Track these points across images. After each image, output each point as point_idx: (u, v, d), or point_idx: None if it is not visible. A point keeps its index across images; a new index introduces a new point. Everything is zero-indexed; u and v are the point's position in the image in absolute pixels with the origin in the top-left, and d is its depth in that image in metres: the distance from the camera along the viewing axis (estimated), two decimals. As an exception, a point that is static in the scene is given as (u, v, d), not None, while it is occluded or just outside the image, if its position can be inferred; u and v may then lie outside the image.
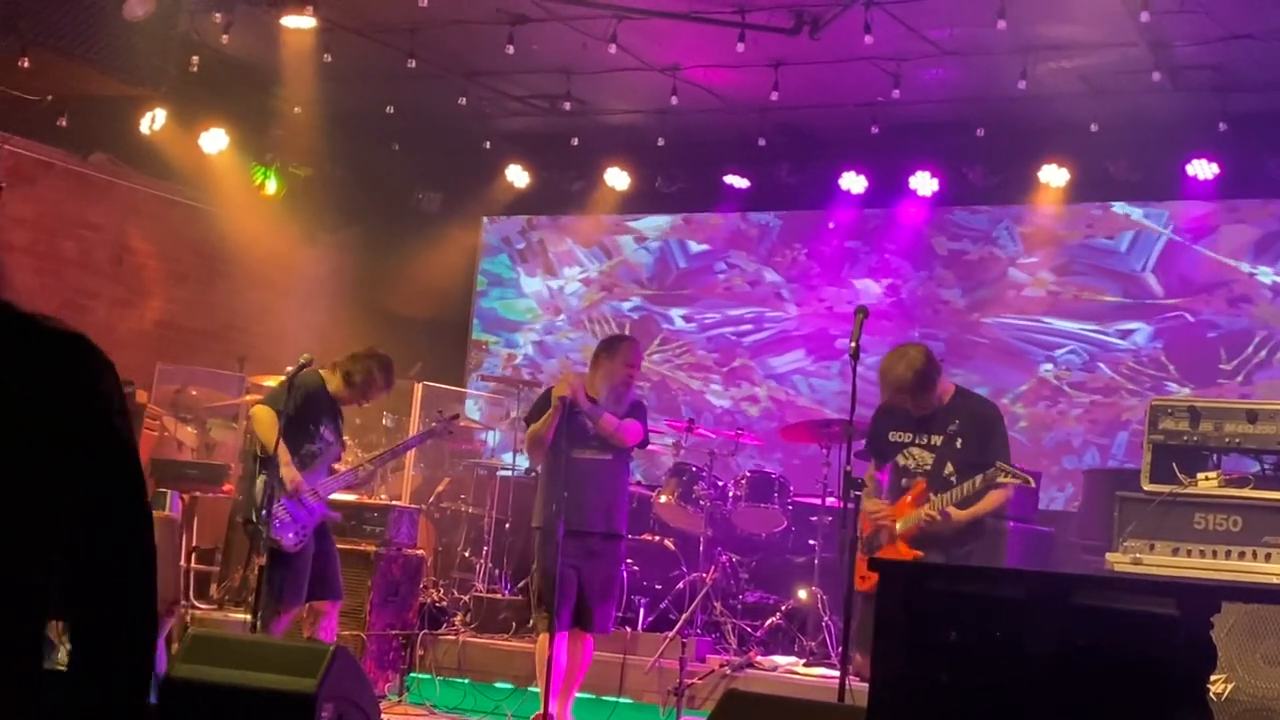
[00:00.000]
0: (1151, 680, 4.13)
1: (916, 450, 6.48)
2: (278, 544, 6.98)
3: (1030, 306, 11.09)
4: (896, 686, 4.48)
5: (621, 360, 7.38)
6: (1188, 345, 10.50)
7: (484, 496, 10.30)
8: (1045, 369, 10.96)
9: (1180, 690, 4.10)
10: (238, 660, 5.84)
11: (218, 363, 11.63)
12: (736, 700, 5.47)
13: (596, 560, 7.21)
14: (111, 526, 2.09)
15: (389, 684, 8.09)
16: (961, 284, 11.33)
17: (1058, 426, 10.86)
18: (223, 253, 12.25)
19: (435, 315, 12.81)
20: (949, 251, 11.42)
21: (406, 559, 8.41)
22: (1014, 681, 4.29)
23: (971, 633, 4.39)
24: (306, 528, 7.20)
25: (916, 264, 11.48)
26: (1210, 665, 4.24)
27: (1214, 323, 10.44)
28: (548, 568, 7.14)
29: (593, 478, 7.21)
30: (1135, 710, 4.15)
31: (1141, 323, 10.70)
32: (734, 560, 9.43)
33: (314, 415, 7.38)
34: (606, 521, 7.27)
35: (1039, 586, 4.50)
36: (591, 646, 7.40)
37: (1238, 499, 5.81)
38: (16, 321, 2.08)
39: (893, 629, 4.56)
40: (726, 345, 12.13)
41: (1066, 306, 10.95)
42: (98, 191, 11.50)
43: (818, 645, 8.82)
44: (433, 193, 12.70)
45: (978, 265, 11.31)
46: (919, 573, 5.03)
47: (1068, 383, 10.87)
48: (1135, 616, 4.22)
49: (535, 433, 7.33)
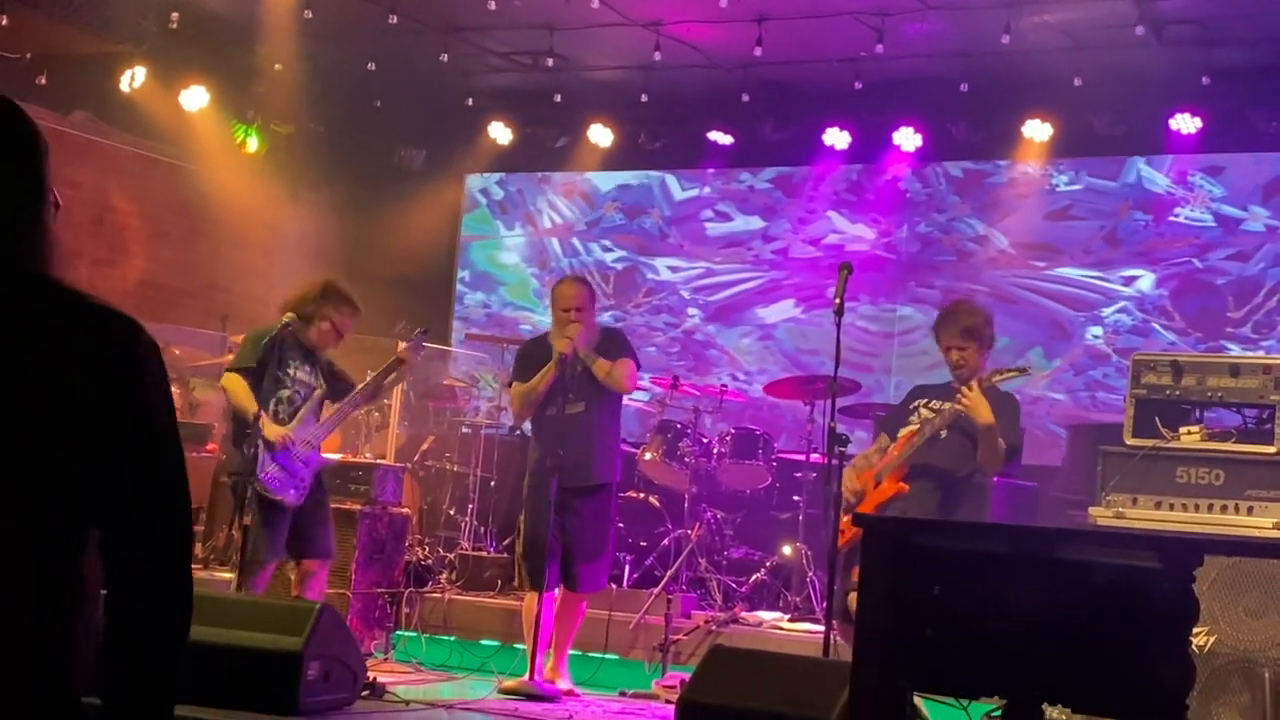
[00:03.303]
0: (1134, 633, 4.16)
1: (925, 410, 6.47)
2: (281, 503, 6.92)
3: (1022, 259, 11.08)
4: (880, 641, 4.50)
5: (560, 305, 7.27)
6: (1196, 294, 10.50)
7: (469, 454, 10.30)
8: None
9: (1163, 643, 4.12)
10: (224, 619, 5.84)
11: (200, 322, 11.60)
12: (722, 655, 5.49)
13: (582, 518, 7.18)
14: (151, 508, 2.11)
15: (375, 641, 8.10)
16: (953, 235, 11.31)
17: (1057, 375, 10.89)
18: (204, 211, 12.20)
19: (419, 273, 12.77)
20: (939, 205, 11.41)
21: (392, 517, 8.41)
22: (998, 636, 4.31)
23: (955, 587, 4.41)
24: (305, 480, 7.15)
25: (906, 218, 11.46)
26: (1193, 618, 4.27)
27: (1223, 269, 10.43)
28: (532, 526, 7.15)
29: (573, 432, 7.14)
30: (1118, 663, 4.18)
31: (1146, 270, 10.69)
32: (719, 517, 9.46)
33: (280, 360, 7.19)
34: (589, 473, 7.18)
35: (1022, 541, 4.52)
36: (582, 606, 7.36)
37: (1220, 453, 5.83)
38: (70, 300, 2.09)
39: (876, 584, 4.57)
40: (711, 296, 12.11)
41: (1066, 256, 10.93)
42: (78, 150, 11.42)
43: (802, 601, 8.86)
44: (415, 150, 12.64)
45: (971, 214, 11.31)
46: (902, 528, 5.05)
47: (1076, 326, 10.84)
48: (1118, 570, 4.24)
49: (528, 390, 7.26)
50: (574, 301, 7.26)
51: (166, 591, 2.12)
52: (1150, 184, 10.78)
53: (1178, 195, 10.65)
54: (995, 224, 11.19)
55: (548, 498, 6.98)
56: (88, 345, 2.07)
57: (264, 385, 7.13)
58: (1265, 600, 5.43)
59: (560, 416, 7.17)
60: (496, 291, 12.99)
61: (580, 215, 12.73)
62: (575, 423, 7.18)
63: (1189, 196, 10.59)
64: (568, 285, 7.42)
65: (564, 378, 7.14)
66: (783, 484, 9.63)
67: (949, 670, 4.47)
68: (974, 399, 6.11)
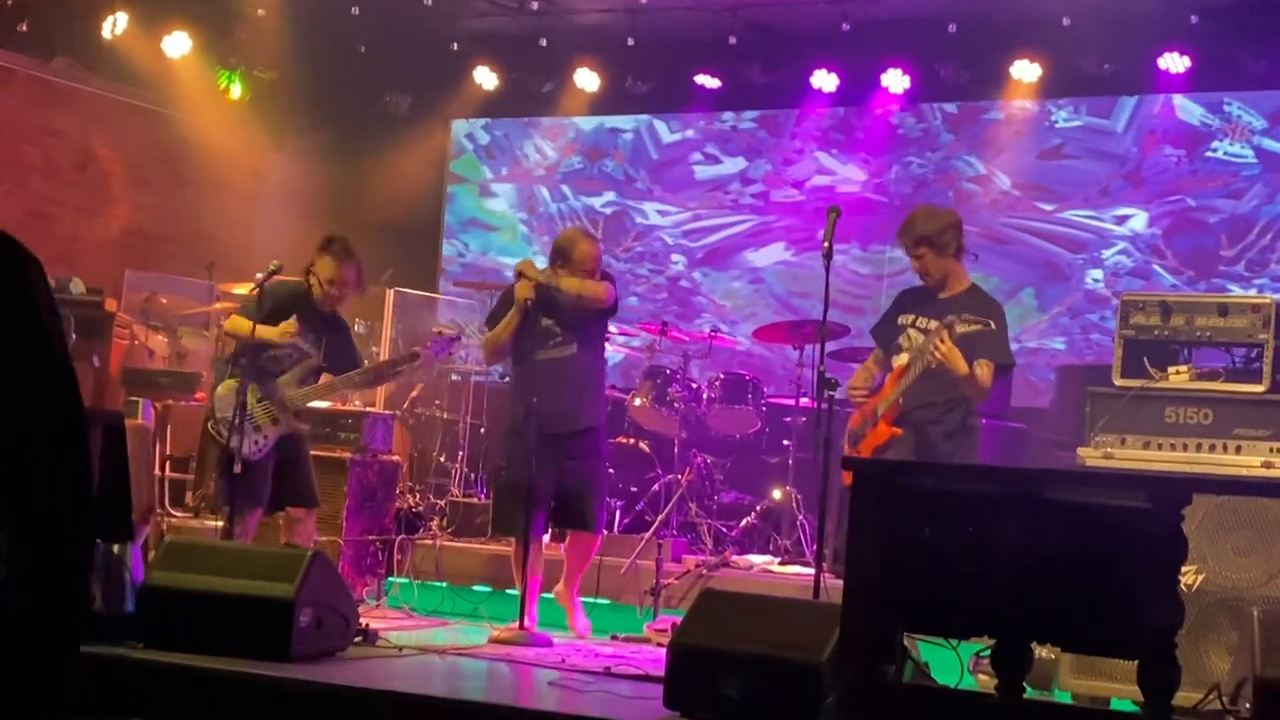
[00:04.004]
0: (1124, 572, 4.18)
1: (913, 332, 6.39)
2: (235, 452, 6.93)
3: (1020, 200, 11.06)
4: (870, 583, 4.52)
5: (578, 266, 7.14)
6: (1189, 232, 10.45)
7: (458, 402, 10.30)
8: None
9: (1152, 581, 4.15)
10: (215, 567, 5.86)
11: (187, 270, 11.55)
12: (713, 599, 5.51)
13: (571, 462, 7.15)
14: (45, 423, 2.09)
15: (367, 588, 8.12)
16: (948, 175, 11.25)
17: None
18: (188, 159, 12.12)
19: (406, 219, 12.71)
20: (932, 144, 11.36)
21: (382, 465, 8.41)
22: (987, 577, 4.33)
23: (945, 529, 4.43)
24: (268, 438, 7.17)
25: (897, 157, 11.41)
26: (1181, 556, 4.29)
27: (1215, 208, 10.38)
28: (512, 473, 7.14)
29: (558, 377, 7.11)
30: (1109, 601, 4.20)
31: (1138, 209, 10.65)
32: (709, 462, 9.48)
33: (285, 317, 7.25)
34: (575, 419, 7.14)
35: (1011, 482, 4.54)
36: (593, 544, 7.32)
37: (1208, 392, 5.84)
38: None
39: (866, 527, 4.59)
40: (700, 240, 12.08)
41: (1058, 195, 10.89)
42: (60, 97, 11.33)
43: (792, 544, 8.90)
44: (401, 96, 12.55)
45: (961, 155, 11.27)
46: (892, 471, 5.06)
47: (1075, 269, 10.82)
48: (1107, 510, 4.26)
49: (493, 339, 7.26)
50: (594, 262, 7.18)
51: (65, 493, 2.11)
52: (1185, 114, 10.56)
53: (1214, 128, 10.45)
54: (991, 161, 11.10)
55: (529, 444, 6.95)
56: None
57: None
58: (1253, 538, 5.45)
59: (547, 361, 7.15)
60: (485, 238, 12.94)
61: (567, 160, 12.67)
62: (564, 367, 7.16)
63: (1227, 129, 10.42)
64: (589, 244, 7.24)
65: (529, 325, 7.09)
66: (772, 428, 9.64)
67: (939, 611, 4.49)
68: (946, 351, 6.04)
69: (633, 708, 5.30)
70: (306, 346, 7.30)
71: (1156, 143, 10.63)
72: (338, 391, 7.71)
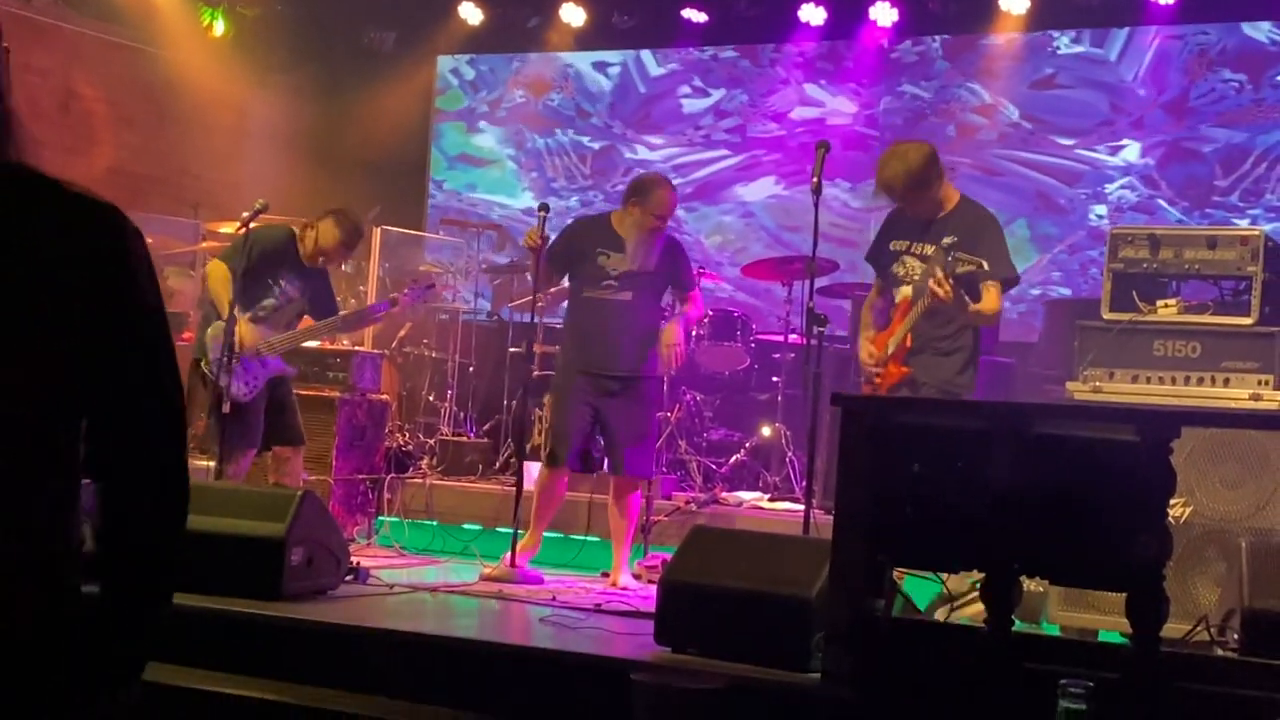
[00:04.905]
0: (1112, 505, 4.19)
1: (909, 259, 6.27)
2: (224, 392, 6.98)
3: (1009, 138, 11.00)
4: (860, 518, 4.53)
5: (653, 209, 7.01)
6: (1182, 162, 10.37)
7: (447, 340, 10.28)
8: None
9: (1140, 514, 4.16)
10: (206, 507, 5.84)
11: (172, 209, 11.48)
12: (702, 536, 5.53)
13: (615, 399, 7.02)
14: (144, 391, 2.10)
15: (357, 527, 8.14)
16: (940, 107, 11.18)
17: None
18: (171, 97, 12.02)
19: (392, 157, 12.63)
20: (925, 73, 11.28)
21: (371, 404, 8.41)
22: (978, 511, 4.34)
23: (935, 464, 4.43)
24: (258, 378, 7.20)
25: (889, 88, 11.32)
26: (1170, 489, 4.30)
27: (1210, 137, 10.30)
28: (556, 407, 7.20)
29: (612, 318, 6.98)
30: (1097, 534, 4.21)
31: (1131, 140, 10.57)
32: (698, 399, 9.48)
33: (273, 269, 7.27)
34: (626, 363, 7.01)
35: (1001, 417, 4.54)
36: (635, 500, 7.16)
37: (1197, 325, 5.84)
38: (47, 188, 2.04)
39: (856, 461, 4.60)
40: (691, 174, 12.01)
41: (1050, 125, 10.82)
42: (41, 35, 11.22)
43: (781, 480, 8.92)
44: (385, 32, 12.44)
45: (956, 83, 11.20)
46: (882, 406, 5.06)
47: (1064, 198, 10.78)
48: (1096, 443, 4.27)
49: None
50: (668, 210, 7.08)
51: (167, 476, 2.13)
52: (1253, 32, 10.24)
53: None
54: (988, 88, 11.01)
55: (574, 383, 7.00)
56: (71, 233, 2.03)
57: (251, 289, 7.15)
58: (1241, 471, 5.47)
59: (593, 300, 7.05)
60: (473, 174, 12.87)
61: (554, 96, 12.57)
62: (599, 308, 7.05)
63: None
64: (666, 193, 7.08)
65: (581, 265, 7.04)
66: (761, 365, 9.64)
67: (928, 545, 4.51)
68: (946, 295, 5.93)
69: (623, 644, 5.33)
70: (296, 296, 7.35)
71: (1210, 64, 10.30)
72: (316, 336, 7.71)
